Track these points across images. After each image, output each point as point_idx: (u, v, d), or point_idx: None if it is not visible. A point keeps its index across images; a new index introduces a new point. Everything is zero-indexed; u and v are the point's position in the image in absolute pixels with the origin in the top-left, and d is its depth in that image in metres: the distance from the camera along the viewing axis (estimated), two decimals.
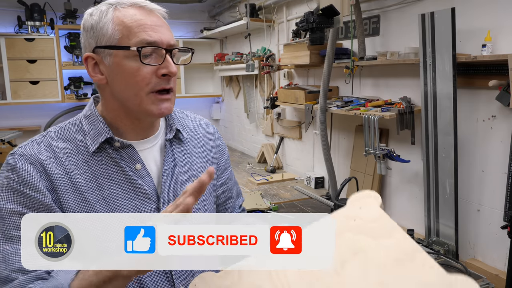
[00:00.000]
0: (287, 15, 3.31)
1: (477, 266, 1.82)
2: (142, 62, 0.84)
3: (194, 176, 0.99)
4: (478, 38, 1.75)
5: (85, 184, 0.85)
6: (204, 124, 1.11)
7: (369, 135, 2.08)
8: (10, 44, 3.96)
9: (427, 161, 1.96)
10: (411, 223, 2.21)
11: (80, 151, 0.87)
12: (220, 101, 5.17)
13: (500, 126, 1.75)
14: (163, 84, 0.87)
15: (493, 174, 1.79)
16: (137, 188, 0.89)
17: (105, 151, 0.88)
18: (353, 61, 2.34)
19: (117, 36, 0.84)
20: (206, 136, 1.09)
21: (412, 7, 2.11)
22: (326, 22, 2.12)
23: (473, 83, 1.83)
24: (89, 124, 0.90)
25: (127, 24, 0.84)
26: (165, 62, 0.86)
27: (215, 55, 4.69)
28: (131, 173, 0.89)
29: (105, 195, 0.86)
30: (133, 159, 0.90)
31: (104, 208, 0.85)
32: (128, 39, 0.84)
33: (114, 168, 0.88)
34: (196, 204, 0.91)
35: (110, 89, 0.88)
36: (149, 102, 0.86)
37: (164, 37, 0.87)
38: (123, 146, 0.89)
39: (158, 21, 0.88)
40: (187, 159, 1.00)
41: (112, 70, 0.86)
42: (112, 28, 0.84)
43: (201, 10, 4.87)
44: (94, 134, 0.88)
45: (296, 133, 3.32)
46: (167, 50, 0.87)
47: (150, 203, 0.91)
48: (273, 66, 3.50)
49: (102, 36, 0.85)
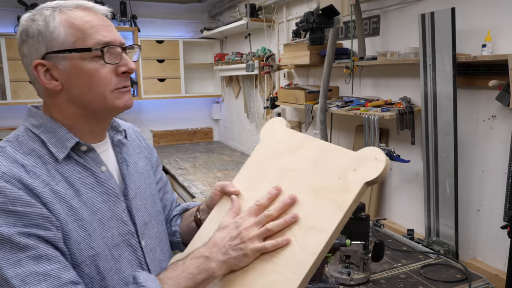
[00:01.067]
0: (287, 15, 3.31)
1: (477, 266, 1.82)
2: (106, 62, 0.85)
3: (142, 175, 1.04)
4: (478, 38, 1.75)
5: (65, 192, 0.83)
6: (132, 127, 1.14)
7: (369, 135, 2.08)
8: (10, 44, 3.96)
9: (427, 161, 1.96)
10: (411, 223, 2.21)
11: (45, 162, 0.83)
12: (220, 101, 5.17)
13: (500, 126, 1.75)
14: (123, 82, 0.89)
15: (493, 174, 1.79)
16: (108, 189, 0.91)
17: (71, 157, 0.86)
18: (353, 61, 2.34)
19: (71, 39, 0.83)
20: (136, 137, 1.13)
21: (412, 7, 2.11)
22: (326, 22, 2.12)
23: (473, 83, 1.83)
24: (45, 133, 0.86)
25: (79, 27, 0.83)
26: (123, 60, 0.88)
27: (215, 55, 4.69)
28: (100, 175, 0.90)
29: (85, 200, 0.85)
30: (97, 162, 0.90)
31: (87, 212, 0.84)
32: (84, 41, 0.83)
33: (84, 172, 0.87)
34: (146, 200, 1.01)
35: (67, 94, 0.86)
36: (113, 98, 0.88)
37: (117, 36, 0.88)
38: (87, 150, 0.89)
39: (107, 21, 0.89)
40: (132, 159, 1.03)
41: (70, 74, 0.84)
42: (64, 32, 0.83)
43: (201, 10, 4.87)
44: (57, 142, 0.85)
45: None
46: (122, 49, 0.88)
47: (120, 203, 0.93)
48: (273, 66, 3.50)
49: (54, 41, 0.83)
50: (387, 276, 1.62)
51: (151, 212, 1.02)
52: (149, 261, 0.96)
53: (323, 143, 0.89)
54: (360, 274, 1.56)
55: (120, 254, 0.90)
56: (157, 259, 1.00)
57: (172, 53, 4.62)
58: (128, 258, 0.91)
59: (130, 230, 0.93)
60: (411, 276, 1.61)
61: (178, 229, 1.17)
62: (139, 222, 0.96)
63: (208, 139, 5.28)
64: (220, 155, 4.36)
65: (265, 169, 0.97)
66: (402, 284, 1.55)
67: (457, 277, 1.60)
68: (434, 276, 1.60)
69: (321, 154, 0.87)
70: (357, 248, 1.52)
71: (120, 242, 0.90)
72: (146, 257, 0.96)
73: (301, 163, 0.89)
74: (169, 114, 5.04)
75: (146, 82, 4.53)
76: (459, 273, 1.63)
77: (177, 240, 1.17)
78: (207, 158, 4.18)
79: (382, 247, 1.52)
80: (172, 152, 4.51)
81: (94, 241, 0.83)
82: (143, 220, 0.97)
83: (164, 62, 4.61)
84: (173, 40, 4.62)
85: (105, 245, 0.86)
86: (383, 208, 2.45)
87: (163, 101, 4.85)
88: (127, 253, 0.92)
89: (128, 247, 0.92)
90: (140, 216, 0.97)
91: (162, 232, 1.07)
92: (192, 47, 4.86)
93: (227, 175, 3.45)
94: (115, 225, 0.90)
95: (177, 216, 1.19)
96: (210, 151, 4.57)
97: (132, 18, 4.33)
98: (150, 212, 1.02)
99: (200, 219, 1.08)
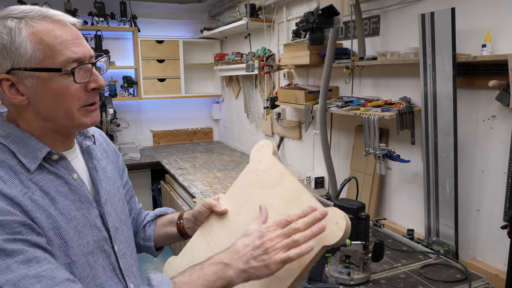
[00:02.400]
0: (287, 15, 3.31)
1: (477, 266, 1.82)
2: (76, 82, 0.82)
3: (111, 180, 1.04)
4: (478, 38, 1.75)
5: (42, 200, 0.81)
6: (97, 131, 1.13)
7: (369, 135, 2.08)
8: None
9: (427, 161, 1.96)
10: (411, 223, 2.21)
11: (17, 172, 0.80)
12: (220, 101, 5.17)
13: (500, 126, 1.75)
14: (92, 98, 0.87)
15: (493, 174, 1.79)
16: (81, 196, 0.90)
17: (42, 167, 0.85)
18: (353, 61, 2.34)
19: (39, 56, 0.79)
20: (103, 141, 1.12)
21: (412, 7, 2.11)
22: (326, 22, 2.12)
23: (473, 83, 1.83)
24: (13, 143, 0.83)
25: (48, 43, 0.79)
26: (93, 76, 0.86)
27: (215, 55, 4.69)
28: (73, 183, 0.89)
29: (60, 208, 0.84)
30: (68, 170, 0.89)
31: (63, 221, 0.83)
32: (52, 58, 0.79)
33: (57, 181, 0.86)
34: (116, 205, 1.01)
35: (33, 109, 0.84)
36: (80, 116, 0.86)
37: (86, 50, 0.85)
38: (59, 159, 0.88)
39: (76, 33, 0.85)
40: (101, 164, 1.02)
41: (36, 91, 0.81)
42: (31, 47, 0.78)
43: (201, 10, 4.87)
44: (27, 152, 0.83)
45: (296, 133, 3.32)
46: (92, 64, 0.86)
47: (93, 209, 0.92)
48: (273, 66, 3.50)
49: (20, 57, 0.78)
50: (387, 276, 1.62)
51: (121, 217, 1.03)
52: (122, 266, 0.96)
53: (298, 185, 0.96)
54: (360, 274, 1.56)
55: (96, 260, 0.89)
56: (129, 263, 1.00)
57: (172, 53, 4.62)
58: (102, 264, 0.91)
59: (104, 236, 0.93)
60: (411, 276, 1.61)
61: (153, 234, 1.19)
62: (112, 227, 0.96)
63: (208, 139, 5.28)
64: (220, 155, 4.36)
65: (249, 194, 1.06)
66: (402, 284, 1.55)
67: (457, 277, 1.60)
68: (434, 276, 1.60)
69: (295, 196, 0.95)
70: (357, 248, 1.52)
71: (94, 248, 0.90)
72: (119, 262, 0.96)
73: (275, 201, 0.98)
74: (169, 114, 5.04)
75: (146, 82, 4.53)
76: (459, 273, 1.63)
77: (149, 245, 1.19)
78: (207, 158, 4.18)
79: (382, 247, 1.53)
80: (172, 152, 4.51)
81: (70, 249, 0.83)
82: (114, 226, 0.97)
83: (164, 62, 4.61)
84: (173, 40, 4.63)
85: (81, 253, 0.85)
86: (383, 208, 2.45)
87: (163, 101, 4.85)
88: (101, 259, 0.91)
89: (102, 253, 0.92)
90: (112, 222, 0.97)
91: (131, 236, 1.07)
92: (192, 47, 4.86)
93: (227, 175, 3.45)
94: (90, 232, 0.89)
95: (151, 221, 1.21)
96: (210, 151, 4.57)
97: (132, 18, 4.33)
98: (120, 217, 1.02)
99: (184, 227, 1.14)
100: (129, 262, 1.01)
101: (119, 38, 4.57)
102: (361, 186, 2.45)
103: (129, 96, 4.53)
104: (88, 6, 4.13)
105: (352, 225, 1.54)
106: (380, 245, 1.52)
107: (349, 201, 1.61)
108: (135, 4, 4.41)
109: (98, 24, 4.18)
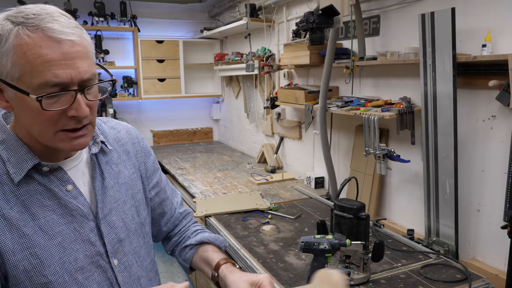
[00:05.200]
0: (287, 15, 3.31)
1: (477, 266, 1.82)
2: (44, 109, 0.73)
3: (123, 186, 0.98)
4: (478, 38, 1.75)
5: (19, 217, 0.77)
6: (125, 129, 1.06)
7: (369, 135, 2.08)
8: None
9: (427, 161, 1.96)
10: (411, 223, 2.21)
11: (2, 182, 0.78)
12: (220, 101, 5.17)
13: (500, 126, 1.75)
14: (73, 125, 0.78)
15: (493, 174, 1.79)
16: (73, 210, 0.85)
17: (32, 178, 0.81)
18: (353, 61, 2.34)
19: (16, 73, 0.73)
20: (129, 140, 1.05)
21: (412, 7, 2.11)
22: (326, 22, 2.12)
23: (473, 83, 1.83)
24: (6, 150, 0.80)
25: (29, 60, 0.72)
26: (75, 103, 0.76)
27: (215, 55, 4.69)
28: (63, 196, 0.84)
29: (41, 224, 0.80)
30: (62, 181, 0.85)
31: (42, 238, 0.80)
32: (30, 77, 0.72)
33: (45, 194, 0.82)
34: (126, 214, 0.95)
35: (17, 119, 0.81)
36: (58, 140, 0.79)
37: (75, 72, 0.75)
38: (51, 170, 0.83)
39: (70, 50, 0.74)
40: (113, 169, 0.96)
41: (16, 104, 0.77)
42: (12, 62, 0.72)
43: (201, 10, 4.87)
44: (16, 162, 0.80)
45: (296, 133, 3.32)
46: (77, 90, 0.76)
47: (88, 222, 0.88)
48: (273, 66, 3.50)
49: (2, 68, 0.74)
50: (387, 276, 1.62)
51: (130, 227, 0.97)
52: (121, 280, 0.93)
53: None
54: (360, 274, 1.56)
55: (87, 277, 0.86)
56: (133, 276, 0.96)
57: (172, 53, 4.62)
58: (97, 279, 0.88)
59: (98, 251, 0.89)
60: (411, 276, 1.61)
61: (191, 258, 1.13)
62: (112, 240, 0.91)
63: (208, 139, 5.28)
64: (220, 155, 4.36)
65: None
66: (402, 284, 1.55)
67: (457, 277, 1.60)
68: (434, 276, 1.60)
69: None
70: (357, 248, 1.52)
71: (86, 264, 0.86)
72: (117, 277, 0.92)
73: None
74: (169, 114, 5.04)
75: (146, 82, 4.53)
76: (459, 273, 1.63)
77: (185, 266, 1.14)
78: (207, 158, 4.18)
79: (382, 247, 1.52)
80: (172, 152, 4.51)
81: (47, 268, 0.80)
82: (117, 238, 0.93)
83: (164, 62, 4.61)
84: (173, 40, 4.63)
85: (64, 271, 0.82)
86: (383, 208, 2.45)
87: (163, 101, 4.85)
88: (96, 274, 0.88)
89: (97, 269, 0.88)
90: (114, 234, 0.92)
91: (143, 246, 1.01)
92: (192, 47, 4.86)
93: (227, 175, 3.45)
94: (80, 247, 0.85)
95: (194, 246, 1.13)
96: (210, 151, 4.57)
97: (132, 18, 4.33)
98: (129, 226, 0.97)
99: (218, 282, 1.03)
100: (135, 274, 0.96)
101: (119, 38, 4.57)
102: (361, 186, 2.45)
103: (129, 96, 4.53)
104: (88, 6, 4.13)
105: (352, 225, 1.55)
106: (380, 245, 1.52)
107: (349, 201, 1.61)
108: (135, 4, 4.41)
109: (98, 24, 4.18)
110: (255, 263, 1.77)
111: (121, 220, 0.95)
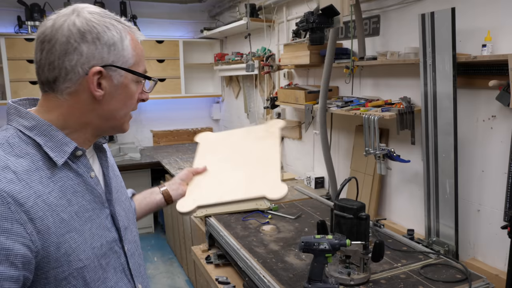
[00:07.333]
0: (287, 15, 3.31)
1: (477, 266, 1.82)
2: (144, 91, 0.95)
3: (118, 178, 1.06)
4: (478, 38, 1.75)
5: (57, 202, 0.79)
6: None
7: (369, 135, 2.08)
8: (10, 44, 3.96)
9: (427, 161, 1.96)
10: (411, 223, 2.21)
11: (38, 167, 0.79)
12: (220, 101, 5.17)
13: (500, 126, 1.75)
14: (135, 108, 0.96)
15: (493, 174, 1.79)
16: (96, 196, 0.89)
17: (66, 163, 0.84)
18: (353, 61, 2.34)
19: (132, 61, 0.88)
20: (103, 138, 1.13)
21: (412, 7, 2.11)
22: (326, 22, 2.12)
23: (473, 83, 1.83)
24: (40, 135, 0.81)
25: (138, 52, 0.90)
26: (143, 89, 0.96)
27: (215, 55, 4.69)
28: (90, 182, 0.88)
29: (76, 210, 0.83)
30: (87, 168, 0.89)
31: (78, 223, 0.82)
32: (137, 66, 0.90)
33: (76, 179, 0.85)
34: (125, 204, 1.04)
35: (100, 106, 0.86)
36: (127, 120, 0.95)
37: None
38: (80, 156, 0.87)
39: None
40: (109, 161, 1.02)
41: (117, 89, 0.87)
42: (130, 52, 0.88)
43: (201, 10, 4.87)
44: (54, 146, 0.82)
45: (296, 133, 3.32)
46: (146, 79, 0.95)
47: (104, 209, 0.91)
48: (273, 66, 3.50)
49: (122, 58, 0.87)
50: (387, 276, 1.62)
51: (129, 216, 1.03)
52: (132, 266, 0.97)
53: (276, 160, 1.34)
54: (360, 274, 1.56)
55: (108, 262, 0.89)
56: (137, 263, 1.00)
57: (172, 53, 4.62)
58: (114, 265, 0.91)
59: (114, 237, 0.92)
60: (411, 276, 1.61)
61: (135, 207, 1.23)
62: (122, 227, 0.96)
63: None
64: None
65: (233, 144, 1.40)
66: (402, 284, 1.55)
67: (457, 277, 1.60)
68: (434, 276, 1.60)
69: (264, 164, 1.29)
70: (357, 248, 1.52)
71: (107, 250, 0.89)
72: (129, 262, 0.96)
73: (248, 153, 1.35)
74: (169, 114, 5.04)
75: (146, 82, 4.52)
76: (459, 273, 1.63)
77: None
78: None
79: (382, 247, 1.52)
80: (172, 152, 4.51)
81: (83, 253, 0.82)
82: (124, 225, 0.97)
83: (164, 62, 4.61)
84: (173, 40, 4.63)
85: (94, 256, 0.85)
86: (383, 208, 2.45)
87: (163, 101, 4.85)
88: (113, 260, 0.91)
89: (114, 254, 0.91)
90: (122, 221, 0.96)
91: (137, 235, 1.07)
92: (192, 47, 4.86)
93: None
94: (103, 233, 0.89)
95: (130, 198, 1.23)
96: None
97: (132, 18, 4.33)
98: (128, 215, 1.02)
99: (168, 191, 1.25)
100: (137, 262, 1.00)
101: None
102: (361, 186, 2.45)
103: None
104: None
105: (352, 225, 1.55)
106: (380, 245, 1.52)
107: (349, 201, 1.61)
108: (135, 4, 4.41)
109: None
110: (255, 263, 1.77)
111: (123, 210, 1.00)
